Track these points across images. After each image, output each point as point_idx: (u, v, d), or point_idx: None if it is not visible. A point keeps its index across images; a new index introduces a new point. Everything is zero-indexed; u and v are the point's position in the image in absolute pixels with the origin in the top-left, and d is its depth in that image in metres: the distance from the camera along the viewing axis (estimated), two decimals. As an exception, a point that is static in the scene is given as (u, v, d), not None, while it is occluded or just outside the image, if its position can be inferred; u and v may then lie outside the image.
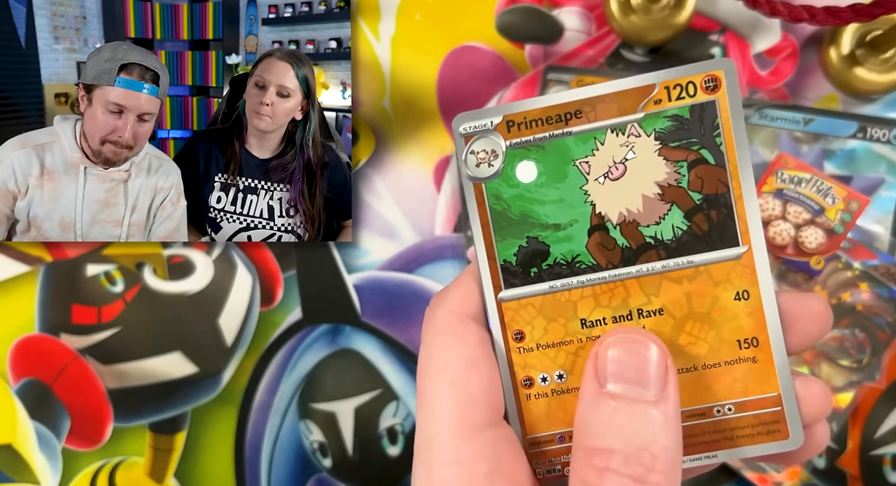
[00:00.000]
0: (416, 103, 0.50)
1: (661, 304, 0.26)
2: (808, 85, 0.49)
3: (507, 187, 0.27)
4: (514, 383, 0.27)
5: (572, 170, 0.26)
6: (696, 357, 0.26)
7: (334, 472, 0.49)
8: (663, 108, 0.26)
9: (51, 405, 0.50)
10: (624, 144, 0.26)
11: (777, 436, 0.26)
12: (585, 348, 0.27)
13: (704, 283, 0.26)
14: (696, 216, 0.26)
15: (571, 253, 0.26)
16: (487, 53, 0.50)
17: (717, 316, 0.26)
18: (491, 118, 0.27)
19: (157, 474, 0.50)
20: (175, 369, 0.50)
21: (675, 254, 0.26)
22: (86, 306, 0.50)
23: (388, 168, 0.50)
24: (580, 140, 0.26)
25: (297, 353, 0.50)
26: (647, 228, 0.26)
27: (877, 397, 0.47)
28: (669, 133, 0.26)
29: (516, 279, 0.27)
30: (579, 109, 0.26)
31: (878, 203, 0.47)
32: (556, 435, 0.27)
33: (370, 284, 0.50)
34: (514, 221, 0.27)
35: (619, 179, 0.26)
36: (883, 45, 0.46)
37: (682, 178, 0.26)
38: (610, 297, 0.26)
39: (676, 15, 0.47)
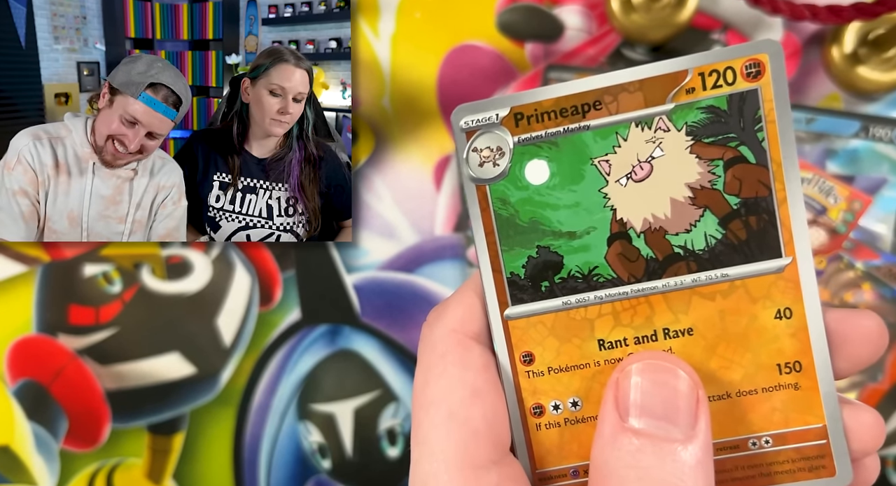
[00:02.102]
0: (416, 102, 0.50)
1: (690, 323, 0.23)
2: (810, 84, 0.49)
3: (515, 190, 0.23)
4: (522, 412, 0.24)
5: (590, 170, 0.23)
6: (730, 383, 0.23)
7: (333, 473, 0.49)
8: (697, 98, 0.22)
9: (48, 406, 0.50)
10: (650, 140, 0.23)
11: (821, 473, 0.23)
12: (604, 373, 0.24)
13: (740, 299, 0.23)
14: (732, 223, 0.23)
15: (588, 265, 0.23)
16: (488, 52, 0.50)
17: (754, 337, 0.23)
18: (497, 111, 0.23)
19: (155, 475, 0.50)
20: (173, 370, 0.50)
21: (707, 266, 0.23)
22: (84, 307, 0.50)
23: (388, 168, 0.50)
24: (599, 135, 0.23)
25: (296, 354, 0.50)
26: (676, 237, 0.23)
27: (880, 398, 0.47)
28: (703, 127, 0.23)
29: (525, 294, 0.24)
30: (598, 100, 0.23)
31: (881, 203, 0.47)
32: (569, 469, 0.24)
33: (370, 284, 0.50)
34: (523, 228, 0.23)
35: (645, 181, 0.23)
36: (885, 43, 0.46)
37: (717, 179, 0.23)
38: (632, 315, 0.23)
39: (678, 13, 0.47)
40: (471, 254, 0.49)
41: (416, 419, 0.23)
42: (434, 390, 0.23)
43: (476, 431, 0.22)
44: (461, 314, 0.24)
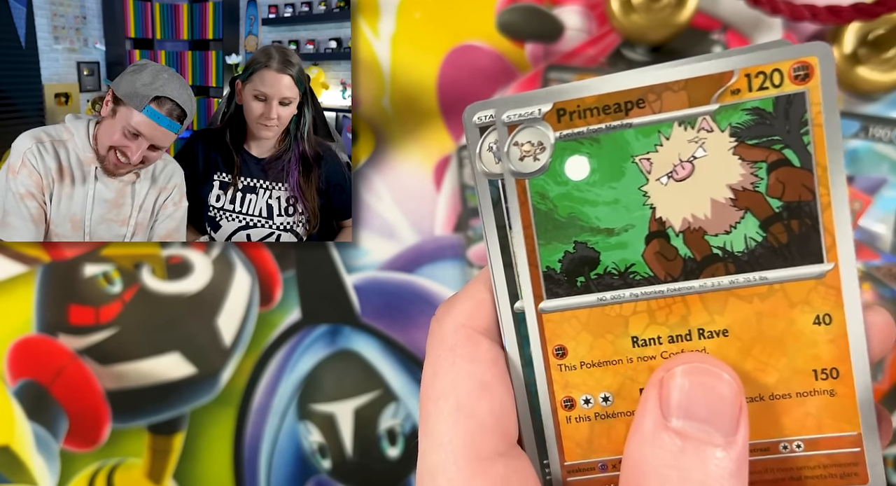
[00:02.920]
0: (416, 103, 0.50)
1: (725, 324, 0.23)
2: (810, 84, 0.49)
3: (555, 185, 0.23)
4: (553, 405, 0.24)
5: (630, 167, 0.23)
6: (764, 386, 0.23)
7: (333, 473, 0.49)
8: (742, 99, 0.22)
9: (48, 406, 0.50)
10: (693, 140, 0.22)
11: (853, 480, 0.23)
12: (637, 370, 0.24)
13: (779, 303, 0.23)
14: (773, 226, 0.22)
15: (625, 262, 0.23)
16: (488, 52, 0.50)
17: (791, 341, 0.23)
18: (539, 106, 0.23)
19: (155, 475, 0.50)
20: (173, 370, 0.50)
21: (746, 269, 0.23)
22: (84, 307, 0.50)
23: (388, 168, 0.50)
24: (641, 133, 0.23)
25: (297, 354, 0.50)
26: (715, 238, 0.23)
27: (879, 398, 0.47)
28: (748, 129, 0.22)
29: (560, 289, 0.24)
30: (642, 98, 0.22)
31: (881, 203, 0.47)
32: (597, 463, 0.24)
33: (370, 284, 0.50)
34: (561, 223, 0.23)
35: (686, 180, 0.23)
36: (885, 44, 0.46)
37: (759, 181, 0.22)
38: (667, 313, 0.23)
39: (678, 14, 0.47)
40: (471, 254, 0.49)
41: (424, 411, 0.24)
42: (442, 383, 0.23)
43: (483, 423, 0.23)
44: (470, 309, 0.24)
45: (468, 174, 0.50)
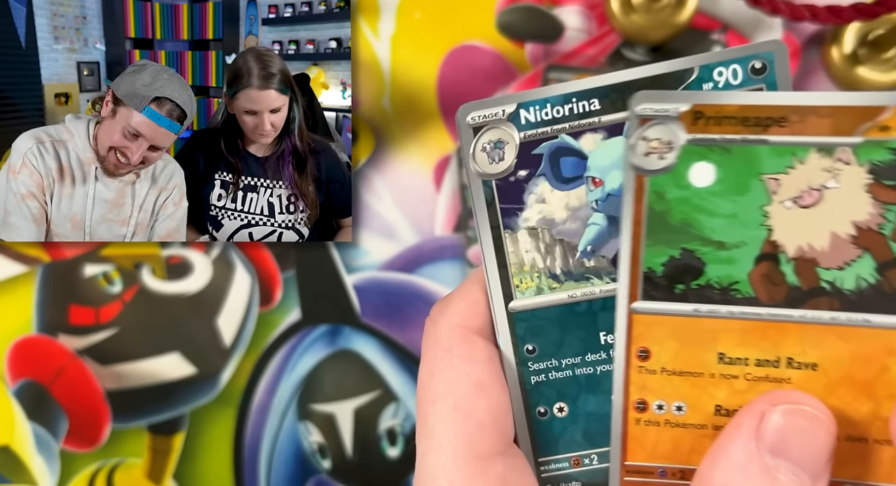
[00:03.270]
0: (416, 103, 0.50)
1: (816, 358, 0.22)
2: (810, 84, 0.49)
3: (675, 188, 0.23)
4: (626, 404, 0.24)
5: (757, 185, 0.22)
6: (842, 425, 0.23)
7: (333, 473, 0.49)
8: (889, 137, 0.21)
9: (48, 407, 0.50)
10: (827, 169, 0.22)
11: None
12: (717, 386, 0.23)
13: (876, 347, 0.22)
14: (890, 272, 0.22)
15: (729, 278, 0.23)
16: (488, 52, 0.50)
17: (880, 388, 0.22)
18: (677, 104, 0.23)
19: (155, 475, 0.50)
20: (173, 370, 0.50)
21: (851, 308, 0.22)
22: (84, 307, 0.50)
23: (388, 168, 0.50)
24: (776, 152, 0.22)
25: (297, 354, 0.50)
26: (827, 272, 0.22)
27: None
28: (887, 168, 0.21)
29: (658, 292, 0.23)
30: (785, 117, 0.22)
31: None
32: (657, 469, 0.24)
33: (370, 284, 0.50)
34: (673, 227, 0.23)
35: (810, 208, 0.22)
36: (885, 44, 0.46)
37: (886, 223, 0.22)
38: (760, 337, 0.23)
39: (678, 14, 0.47)
40: (471, 254, 0.49)
41: (421, 412, 0.24)
42: (440, 384, 0.23)
43: (481, 423, 0.23)
44: (464, 309, 0.24)
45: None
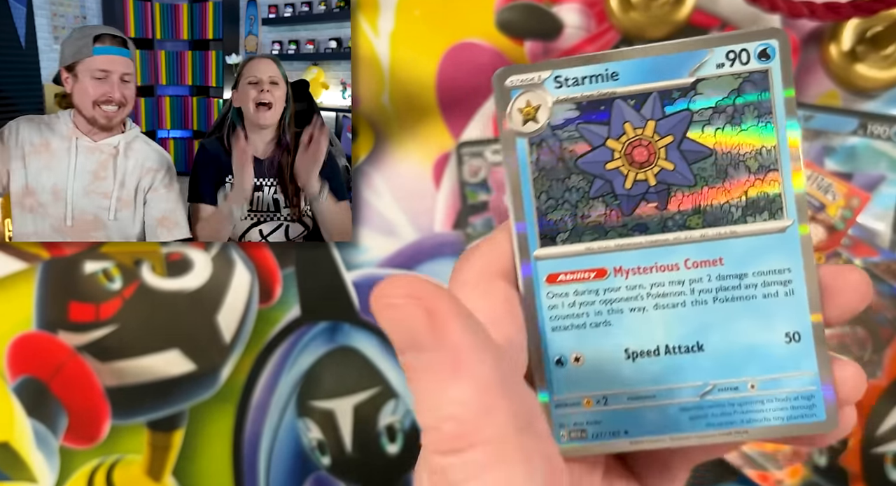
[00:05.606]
0: (416, 100, 0.50)
1: None
2: (808, 81, 0.49)
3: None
4: None
5: None
6: None
7: (333, 470, 0.49)
8: None
9: (48, 403, 0.50)
10: None
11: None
12: None
13: None
14: None
15: None
16: (487, 50, 0.50)
17: None
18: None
19: (154, 472, 0.50)
20: (173, 367, 0.50)
21: None
22: (84, 304, 0.50)
23: (388, 165, 0.50)
24: None
25: (296, 350, 0.50)
26: None
27: (878, 395, 0.47)
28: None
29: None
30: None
31: (879, 200, 0.47)
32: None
33: (369, 281, 0.50)
34: None
35: None
36: (883, 41, 0.46)
37: None
38: None
39: (676, 11, 0.47)
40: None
41: None
42: None
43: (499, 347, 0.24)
44: (489, 253, 0.25)
45: (467, 171, 0.50)
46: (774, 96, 0.24)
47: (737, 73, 0.24)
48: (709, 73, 0.24)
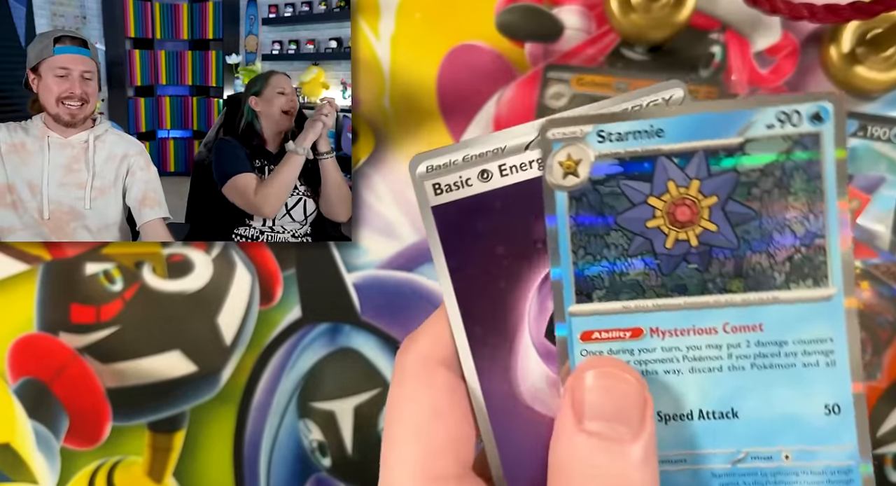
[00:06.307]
0: (416, 102, 0.50)
1: None
2: (808, 83, 0.49)
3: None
4: None
5: None
6: None
7: (334, 471, 0.49)
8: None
9: (49, 405, 0.50)
10: None
11: None
12: None
13: None
14: None
15: None
16: (487, 52, 0.50)
17: None
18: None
19: (155, 473, 0.50)
20: (174, 368, 0.50)
21: None
22: (85, 305, 0.50)
23: (388, 167, 0.50)
24: None
25: (297, 352, 0.50)
26: None
27: (878, 397, 0.47)
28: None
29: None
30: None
31: (879, 202, 0.47)
32: None
33: (370, 282, 0.50)
34: None
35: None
36: (883, 43, 0.46)
37: None
38: None
39: (676, 13, 0.47)
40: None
41: (385, 434, 0.25)
42: (402, 409, 0.25)
43: (438, 447, 0.24)
44: (430, 341, 0.26)
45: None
46: (825, 160, 0.24)
47: (787, 134, 0.24)
48: (758, 133, 0.24)
